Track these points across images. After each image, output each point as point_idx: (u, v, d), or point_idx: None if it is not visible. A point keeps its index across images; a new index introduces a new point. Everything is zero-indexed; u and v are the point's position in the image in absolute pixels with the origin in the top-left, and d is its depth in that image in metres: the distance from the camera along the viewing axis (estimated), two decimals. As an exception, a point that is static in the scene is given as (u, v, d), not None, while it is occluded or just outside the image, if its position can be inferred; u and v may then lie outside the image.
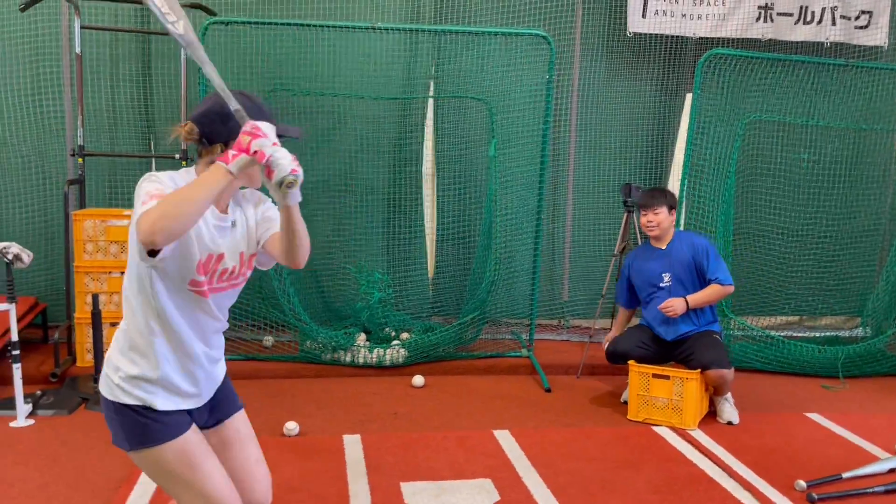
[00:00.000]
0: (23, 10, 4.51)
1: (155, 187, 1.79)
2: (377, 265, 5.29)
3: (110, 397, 1.95)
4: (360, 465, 3.44)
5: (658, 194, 4.32)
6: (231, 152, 1.74)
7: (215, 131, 1.90)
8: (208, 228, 1.91)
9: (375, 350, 4.88)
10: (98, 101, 5.12)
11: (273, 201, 1.92)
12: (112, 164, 5.19)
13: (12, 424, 3.84)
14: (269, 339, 5.14)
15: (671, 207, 4.31)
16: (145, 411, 1.93)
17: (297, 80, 4.99)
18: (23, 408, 3.89)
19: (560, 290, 5.80)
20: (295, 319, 4.81)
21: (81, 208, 4.83)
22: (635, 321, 4.63)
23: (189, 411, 2.02)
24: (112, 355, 1.98)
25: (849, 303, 5.80)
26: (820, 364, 5.10)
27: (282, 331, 5.06)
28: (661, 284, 4.27)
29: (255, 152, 1.73)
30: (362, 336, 5.06)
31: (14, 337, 3.86)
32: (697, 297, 4.16)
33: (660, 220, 4.25)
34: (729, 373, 4.07)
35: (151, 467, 1.97)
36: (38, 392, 4.19)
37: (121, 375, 1.93)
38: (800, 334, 5.74)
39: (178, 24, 1.77)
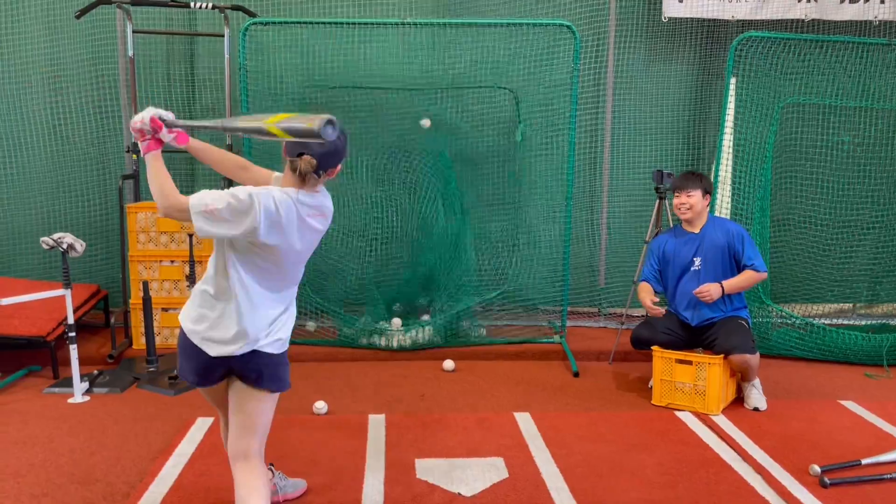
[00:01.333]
0: (78, 17, 4.85)
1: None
2: (405, 248, 5.45)
3: (280, 351, 2.49)
4: (380, 443, 3.61)
5: (693, 177, 4.29)
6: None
7: (327, 164, 2.42)
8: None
9: (410, 333, 5.04)
10: (150, 101, 5.44)
11: None
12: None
13: (70, 401, 4.18)
14: (311, 324, 5.38)
15: (706, 191, 4.27)
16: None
17: (331, 75, 5.18)
18: (79, 386, 4.22)
19: (597, 277, 5.83)
20: (329, 305, 5.02)
21: (136, 201, 5.16)
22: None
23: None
24: (282, 318, 2.49)
25: (897, 290, 5.62)
26: (865, 352, 4.99)
27: (326, 317, 5.28)
28: (692, 268, 4.26)
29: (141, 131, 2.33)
30: (397, 321, 5.23)
31: (70, 320, 4.18)
32: (733, 283, 4.13)
33: (693, 203, 4.22)
34: (753, 358, 4.05)
35: (271, 404, 2.53)
36: (95, 371, 4.53)
37: (284, 332, 2.51)
38: (850, 322, 5.60)
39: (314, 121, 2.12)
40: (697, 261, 4.25)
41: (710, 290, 4.09)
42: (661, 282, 4.44)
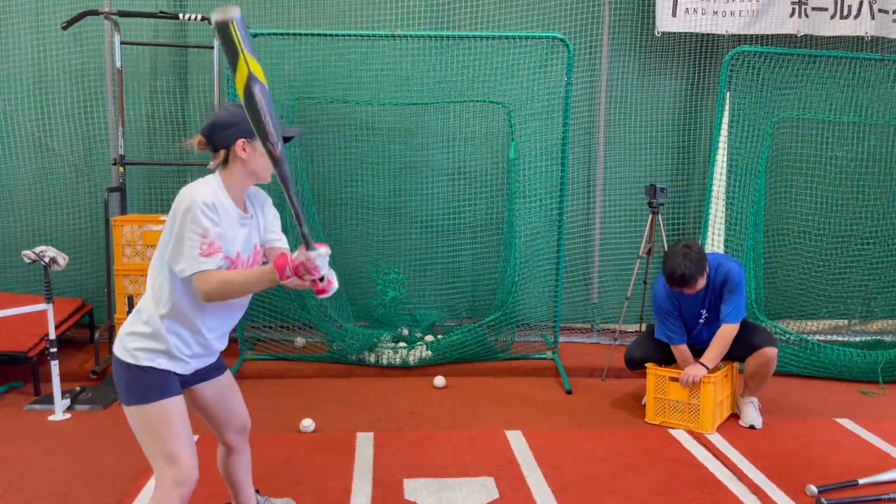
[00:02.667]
0: (65, 28, 4.79)
1: (210, 225, 2.12)
2: (395, 265, 5.40)
3: (122, 357, 2.23)
4: (367, 461, 3.52)
5: (692, 270, 3.79)
6: (288, 273, 2.07)
7: (219, 139, 2.24)
8: (236, 234, 2.25)
9: (399, 351, 4.97)
10: (138, 113, 5.38)
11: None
12: (150, 171, 5.45)
13: (50, 418, 4.08)
14: (300, 340, 5.30)
15: (706, 272, 3.91)
16: (146, 371, 2.22)
17: (322, 89, 5.14)
18: (60, 403, 4.12)
19: (590, 292, 5.77)
20: (320, 320, 4.94)
21: (122, 214, 5.09)
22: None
23: (182, 375, 2.32)
24: (130, 321, 2.26)
25: (893, 307, 5.57)
26: (860, 369, 4.93)
27: (313, 332, 5.20)
28: (700, 320, 4.12)
29: (312, 281, 2.09)
30: (387, 337, 5.15)
31: (51, 335, 4.09)
32: (713, 357, 3.97)
33: (700, 287, 3.93)
34: (776, 353, 4.03)
35: (138, 421, 2.24)
36: (78, 388, 4.44)
37: (134, 340, 2.22)
38: (844, 338, 5.55)
39: (278, 146, 1.96)
40: (704, 313, 4.11)
41: (696, 375, 3.92)
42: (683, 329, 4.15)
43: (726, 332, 3.98)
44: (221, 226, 2.17)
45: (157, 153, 5.46)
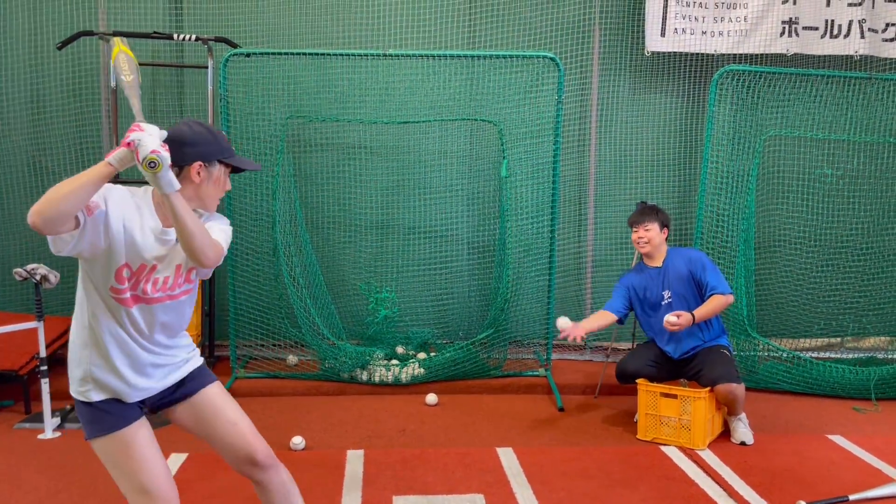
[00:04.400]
0: (60, 48, 4.84)
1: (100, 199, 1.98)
2: (387, 283, 5.40)
3: (72, 392, 2.18)
4: (357, 479, 3.51)
5: (649, 210, 4.30)
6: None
7: (174, 155, 2.00)
8: (145, 239, 2.07)
9: (392, 368, 4.96)
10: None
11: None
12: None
13: (40, 437, 4.07)
14: (293, 358, 5.29)
15: (663, 224, 4.28)
16: (89, 404, 2.14)
17: (314, 108, 5.17)
18: (50, 421, 4.11)
19: (582, 309, 5.77)
20: (312, 338, 4.94)
21: (116, 233, 5.09)
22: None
23: (140, 401, 2.20)
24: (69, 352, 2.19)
25: (885, 324, 5.58)
26: (853, 386, 4.93)
27: (306, 350, 5.20)
28: (663, 303, 4.23)
29: (130, 143, 1.87)
30: (379, 354, 5.15)
31: (42, 353, 4.09)
32: (703, 311, 4.07)
33: (651, 237, 4.22)
34: (739, 388, 3.98)
35: (102, 456, 2.18)
36: (68, 407, 4.42)
37: (72, 379, 2.15)
38: (838, 355, 5.55)
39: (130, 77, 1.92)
40: (667, 294, 4.22)
41: (680, 321, 3.99)
42: (627, 308, 4.37)
43: (720, 300, 4.08)
44: (125, 220, 2.02)
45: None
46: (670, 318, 4.01)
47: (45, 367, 4.09)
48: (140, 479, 2.11)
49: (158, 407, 2.30)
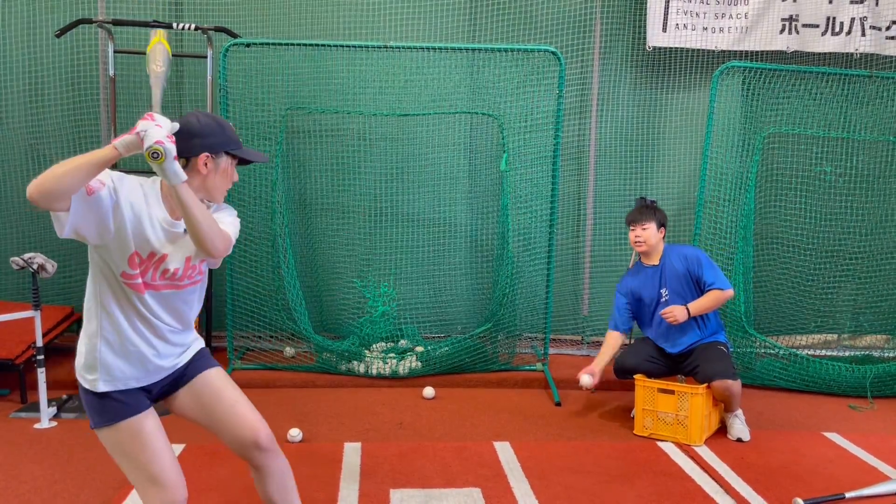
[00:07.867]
0: (58, 35, 4.80)
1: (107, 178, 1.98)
2: (385, 277, 5.39)
3: (78, 380, 2.20)
4: (354, 472, 3.51)
5: (646, 210, 4.28)
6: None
7: (180, 147, 2.05)
8: (154, 228, 2.08)
9: (389, 361, 4.96)
10: (131, 121, 5.35)
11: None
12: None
13: (36, 426, 4.05)
14: (289, 350, 5.28)
15: (660, 224, 4.26)
16: (102, 395, 2.14)
17: (314, 99, 5.15)
18: (46, 411, 4.10)
19: (580, 304, 5.78)
20: (306, 330, 4.94)
21: (113, 222, 5.07)
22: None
23: (146, 387, 2.22)
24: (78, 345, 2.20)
25: (882, 322, 5.59)
26: (849, 383, 4.94)
27: (302, 342, 5.19)
28: (662, 300, 4.22)
29: (138, 132, 1.89)
30: (377, 347, 5.14)
31: (39, 343, 4.07)
32: (699, 305, 4.09)
33: (647, 237, 4.21)
34: (735, 384, 3.99)
35: (109, 445, 2.18)
36: (64, 396, 4.41)
37: (80, 366, 2.16)
38: (834, 353, 5.56)
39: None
40: (664, 292, 4.21)
41: (675, 312, 4.04)
42: (631, 320, 4.40)
43: (717, 294, 4.08)
44: (134, 208, 2.03)
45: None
46: (666, 311, 4.05)
47: (41, 357, 4.07)
48: (149, 469, 2.13)
49: (161, 395, 2.31)
